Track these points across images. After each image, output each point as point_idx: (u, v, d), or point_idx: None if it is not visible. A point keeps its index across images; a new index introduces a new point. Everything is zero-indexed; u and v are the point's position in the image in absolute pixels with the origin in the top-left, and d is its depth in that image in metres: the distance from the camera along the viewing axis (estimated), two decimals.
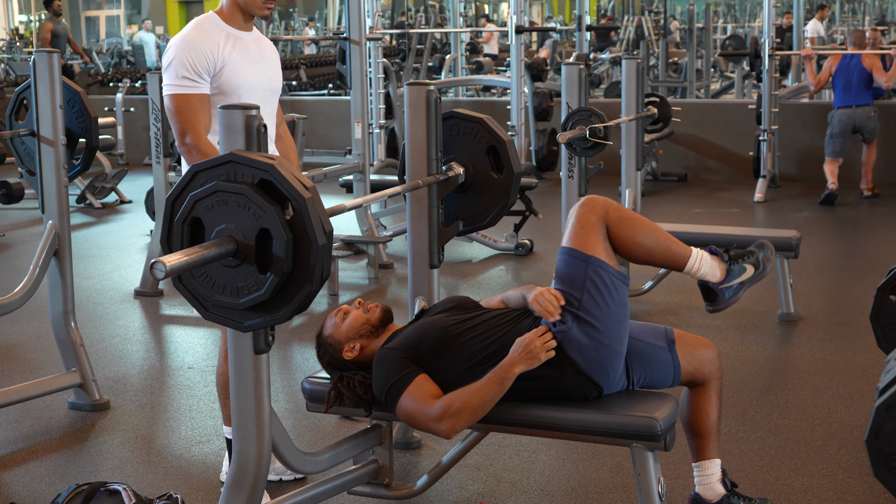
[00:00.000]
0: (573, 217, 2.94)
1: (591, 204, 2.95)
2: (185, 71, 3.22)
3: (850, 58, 8.88)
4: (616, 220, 2.93)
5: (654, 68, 14.98)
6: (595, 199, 2.97)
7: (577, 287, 2.86)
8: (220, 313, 2.38)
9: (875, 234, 7.85)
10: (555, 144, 9.59)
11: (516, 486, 3.49)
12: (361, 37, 6.86)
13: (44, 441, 3.99)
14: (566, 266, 2.90)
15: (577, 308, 2.85)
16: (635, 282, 5.96)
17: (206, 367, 4.82)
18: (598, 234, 2.90)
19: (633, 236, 2.94)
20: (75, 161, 4.30)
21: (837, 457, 3.68)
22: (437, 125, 3.42)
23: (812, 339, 5.08)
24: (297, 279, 2.32)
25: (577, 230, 2.91)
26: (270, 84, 3.44)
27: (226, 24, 3.35)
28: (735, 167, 10.20)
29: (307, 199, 2.29)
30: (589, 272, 2.86)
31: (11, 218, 8.74)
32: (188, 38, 3.27)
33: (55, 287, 4.22)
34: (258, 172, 2.31)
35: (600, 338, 2.84)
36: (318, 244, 2.29)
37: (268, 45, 3.49)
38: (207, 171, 2.36)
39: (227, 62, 3.27)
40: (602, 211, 2.93)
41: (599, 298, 2.85)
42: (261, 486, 2.66)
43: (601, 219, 2.92)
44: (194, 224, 2.36)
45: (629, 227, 2.94)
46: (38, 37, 13.49)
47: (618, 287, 2.87)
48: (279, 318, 2.36)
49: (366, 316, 3.12)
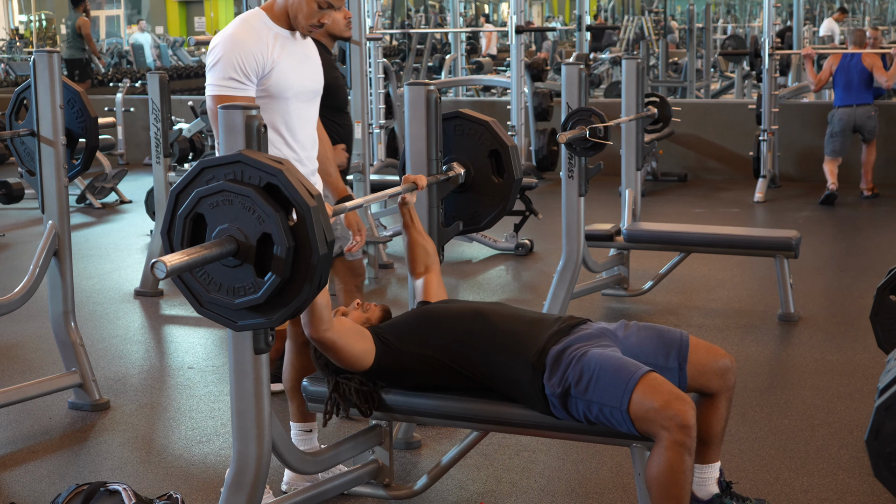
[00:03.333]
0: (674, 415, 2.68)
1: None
2: (232, 72, 3.07)
3: (850, 57, 8.88)
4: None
5: (654, 68, 14.97)
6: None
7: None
8: (215, 311, 2.38)
9: (875, 234, 7.85)
10: (555, 144, 9.58)
11: (516, 486, 3.48)
12: (361, 37, 6.85)
13: (44, 441, 3.99)
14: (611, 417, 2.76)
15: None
16: (635, 281, 5.97)
17: (206, 367, 4.82)
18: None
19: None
20: (75, 161, 4.29)
21: (837, 457, 3.67)
22: (437, 125, 3.42)
23: (812, 339, 5.08)
24: (295, 285, 2.32)
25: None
26: (314, 86, 3.32)
27: (274, 24, 3.19)
28: (735, 167, 10.19)
29: (312, 207, 2.29)
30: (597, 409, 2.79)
31: (11, 218, 8.74)
32: (236, 36, 3.11)
33: (55, 287, 4.22)
34: (266, 176, 2.30)
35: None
36: (319, 253, 2.30)
37: (310, 46, 3.35)
38: (214, 168, 2.35)
39: (277, 64, 3.14)
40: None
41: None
42: (261, 486, 2.66)
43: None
44: (196, 220, 2.36)
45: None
46: (72, 33, 13.40)
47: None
48: (273, 322, 2.36)
49: (365, 316, 3.13)
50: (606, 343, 2.91)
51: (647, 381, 2.71)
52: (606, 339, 2.93)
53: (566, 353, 2.83)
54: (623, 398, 2.70)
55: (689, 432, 2.66)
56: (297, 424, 3.44)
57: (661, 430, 2.66)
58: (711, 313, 5.60)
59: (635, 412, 2.69)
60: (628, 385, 2.70)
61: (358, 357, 2.93)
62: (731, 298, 5.88)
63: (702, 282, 6.22)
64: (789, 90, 10.15)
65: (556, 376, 2.80)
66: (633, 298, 5.84)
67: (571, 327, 2.97)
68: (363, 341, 2.95)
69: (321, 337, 2.84)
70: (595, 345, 2.87)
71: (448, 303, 3.17)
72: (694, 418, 2.67)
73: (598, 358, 2.79)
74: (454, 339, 2.95)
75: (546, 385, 2.81)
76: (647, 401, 2.67)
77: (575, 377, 2.77)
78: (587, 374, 2.76)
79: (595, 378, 2.75)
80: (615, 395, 2.71)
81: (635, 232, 5.67)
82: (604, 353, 2.81)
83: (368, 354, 2.94)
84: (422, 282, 3.36)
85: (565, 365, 2.80)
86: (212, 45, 3.14)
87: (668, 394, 2.69)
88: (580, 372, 2.77)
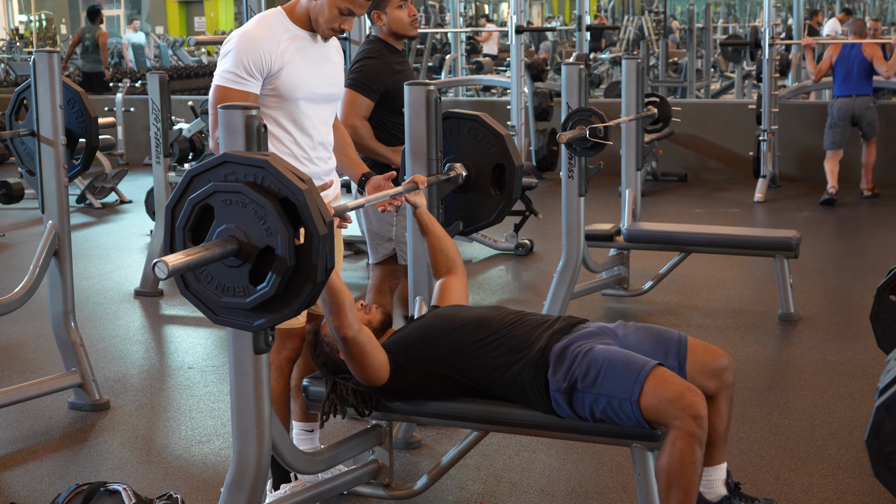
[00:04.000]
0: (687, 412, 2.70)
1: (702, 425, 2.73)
2: (236, 66, 3.08)
3: (850, 48, 8.85)
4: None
5: (654, 68, 14.97)
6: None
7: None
8: (229, 316, 2.38)
9: (875, 234, 7.85)
10: (555, 144, 9.58)
11: (516, 486, 3.49)
12: (361, 37, 6.85)
13: (44, 441, 3.99)
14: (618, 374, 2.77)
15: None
16: (635, 281, 5.97)
17: (205, 367, 4.82)
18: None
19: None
20: (75, 161, 4.29)
21: (837, 457, 3.68)
22: (437, 125, 3.42)
23: (812, 339, 5.08)
24: (301, 274, 2.32)
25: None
26: (331, 89, 3.30)
27: (292, 24, 3.19)
28: (735, 167, 10.19)
29: (304, 190, 2.29)
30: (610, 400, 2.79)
31: (11, 218, 8.74)
32: (249, 33, 3.12)
33: (55, 287, 4.22)
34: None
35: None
36: (319, 234, 2.29)
37: (333, 48, 3.33)
38: (203, 174, 2.35)
39: (287, 64, 3.13)
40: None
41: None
42: (261, 486, 2.66)
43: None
44: (195, 228, 2.36)
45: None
46: (92, 46, 13.47)
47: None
48: (287, 315, 2.35)
49: (367, 318, 3.13)
50: (608, 341, 2.92)
51: (658, 374, 2.73)
52: (607, 338, 2.94)
53: (570, 349, 2.84)
54: (634, 389, 2.71)
55: (702, 423, 2.68)
56: (298, 424, 3.45)
57: (674, 420, 2.67)
58: (711, 313, 5.60)
59: (646, 403, 2.70)
60: (639, 376, 2.72)
61: (378, 369, 2.92)
62: (731, 298, 5.88)
63: (702, 282, 6.22)
64: (789, 90, 10.15)
65: (560, 372, 2.80)
66: (633, 298, 5.84)
67: (572, 326, 2.98)
68: (384, 354, 2.95)
69: (355, 337, 2.84)
70: (598, 342, 2.88)
71: (453, 311, 3.14)
72: (705, 410, 2.70)
73: (604, 353, 2.80)
74: (458, 353, 2.95)
75: (551, 381, 2.82)
76: (658, 392, 2.69)
77: (582, 371, 2.78)
78: (595, 368, 2.77)
79: (603, 371, 2.76)
80: (625, 387, 2.72)
81: (635, 232, 5.67)
82: (609, 349, 2.83)
83: (386, 369, 2.94)
84: (439, 285, 3.34)
85: (570, 360, 2.81)
86: (228, 38, 3.17)
87: (679, 385, 2.71)
88: (587, 366, 2.78)
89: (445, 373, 2.94)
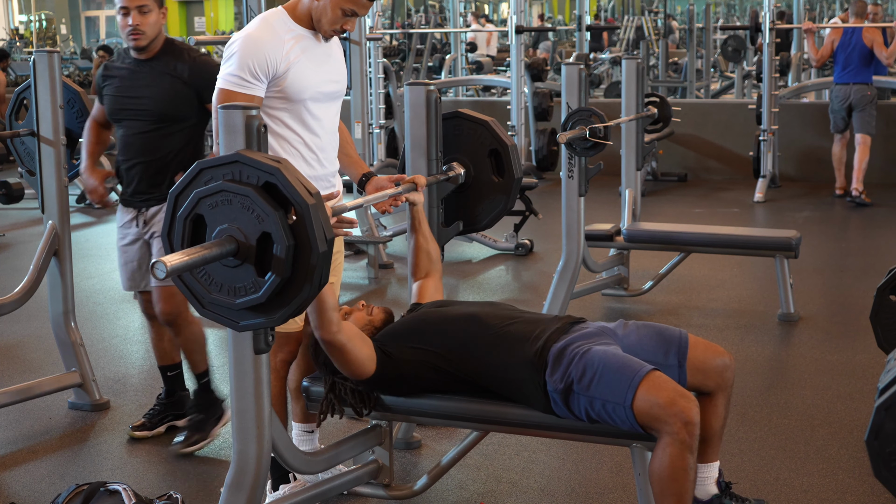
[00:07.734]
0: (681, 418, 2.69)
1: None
2: (241, 70, 3.06)
3: (850, 34, 8.79)
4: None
5: (654, 68, 14.97)
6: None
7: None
8: (217, 311, 2.38)
9: (875, 234, 7.85)
10: (555, 144, 9.59)
11: (516, 486, 3.49)
12: (361, 37, 6.86)
13: (44, 441, 3.99)
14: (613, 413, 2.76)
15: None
16: (635, 281, 5.97)
17: None
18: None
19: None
20: (75, 161, 4.29)
21: (837, 457, 3.68)
22: (437, 125, 3.42)
23: (812, 339, 5.08)
24: (296, 283, 2.32)
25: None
26: (336, 87, 3.27)
27: (295, 24, 3.16)
28: (735, 167, 10.20)
29: (311, 205, 2.29)
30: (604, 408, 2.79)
31: (11, 218, 8.74)
32: (253, 36, 3.10)
33: (55, 287, 4.22)
34: (264, 175, 2.30)
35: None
36: (319, 251, 2.30)
37: (334, 43, 3.28)
38: (213, 168, 2.35)
39: (293, 65, 3.11)
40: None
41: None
42: (261, 486, 2.66)
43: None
44: (196, 221, 2.36)
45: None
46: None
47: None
48: (275, 321, 2.36)
49: (368, 318, 3.14)
50: (607, 341, 2.91)
51: (652, 379, 2.72)
52: (607, 338, 2.94)
53: (568, 349, 2.83)
54: (627, 394, 2.70)
55: (693, 430, 2.67)
56: (298, 424, 3.44)
57: (665, 426, 2.67)
58: (711, 313, 5.60)
59: (639, 408, 2.70)
60: (633, 381, 2.71)
61: (363, 363, 2.93)
62: (731, 298, 5.88)
63: (702, 282, 6.22)
64: (789, 90, 10.15)
65: (558, 372, 2.80)
66: (633, 298, 5.84)
67: (571, 325, 2.97)
68: (368, 348, 2.96)
69: (332, 339, 2.85)
70: (596, 342, 2.87)
71: (443, 305, 3.16)
72: (698, 416, 2.69)
73: (601, 355, 2.80)
74: (452, 345, 2.95)
75: (548, 381, 2.82)
76: (651, 397, 2.68)
77: (578, 373, 2.78)
78: (590, 370, 2.77)
79: (598, 374, 2.76)
80: (619, 392, 2.72)
81: (635, 232, 5.67)
82: (606, 351, 2.82)
83: (372, 362, 2.95)
84: (418, 285, 3.38)
85: (567, 361, 2.81)
86: (231, 41, 3.14)
87: (672, 391, 2.70)
88: (583, 368, 2.78)
89: (437, 364, 2.95)
